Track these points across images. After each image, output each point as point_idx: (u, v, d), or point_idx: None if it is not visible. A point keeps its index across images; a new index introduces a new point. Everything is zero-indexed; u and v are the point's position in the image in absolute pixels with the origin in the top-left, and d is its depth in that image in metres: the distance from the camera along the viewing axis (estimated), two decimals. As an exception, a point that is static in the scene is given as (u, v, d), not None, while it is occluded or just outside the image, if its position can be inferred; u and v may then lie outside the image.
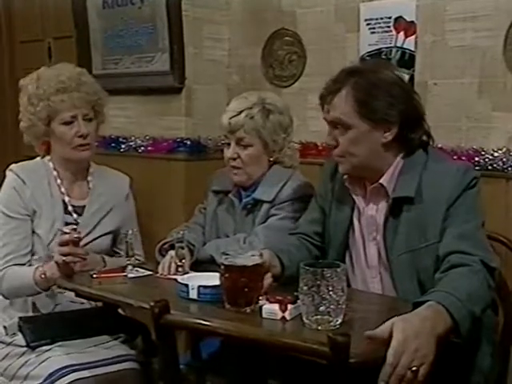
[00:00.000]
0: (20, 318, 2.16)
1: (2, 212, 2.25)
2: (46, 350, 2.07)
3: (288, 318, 1.57)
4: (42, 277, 2.13)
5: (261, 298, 1.66)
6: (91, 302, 2.22)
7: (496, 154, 2.25)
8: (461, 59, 2.33)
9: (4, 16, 4.00)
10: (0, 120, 4.01)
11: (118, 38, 3.02)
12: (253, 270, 1.65)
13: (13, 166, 2.32)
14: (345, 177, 1.90)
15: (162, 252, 2.13)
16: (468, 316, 1.47)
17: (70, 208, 2.30)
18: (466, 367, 1.74)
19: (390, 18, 2.48)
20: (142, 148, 3.03)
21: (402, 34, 2.46)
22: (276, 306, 1.59)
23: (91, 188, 2.36)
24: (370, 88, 1.77)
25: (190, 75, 2.88)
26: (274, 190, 2.16)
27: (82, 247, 2.12)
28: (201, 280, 1.79)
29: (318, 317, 1.49)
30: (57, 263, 2.05)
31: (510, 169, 2.23)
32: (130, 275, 2.03)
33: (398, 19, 2.46)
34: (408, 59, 2.45)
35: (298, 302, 1.53)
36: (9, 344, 2.15)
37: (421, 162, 1.83)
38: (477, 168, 2.16)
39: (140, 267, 2.08)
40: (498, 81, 2.26)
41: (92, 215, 2.32)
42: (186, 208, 2.76)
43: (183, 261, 2.03)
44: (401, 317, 1.40)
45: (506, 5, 2.22)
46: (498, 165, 2.24)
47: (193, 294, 1.75)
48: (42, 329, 2.12)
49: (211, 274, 1.81)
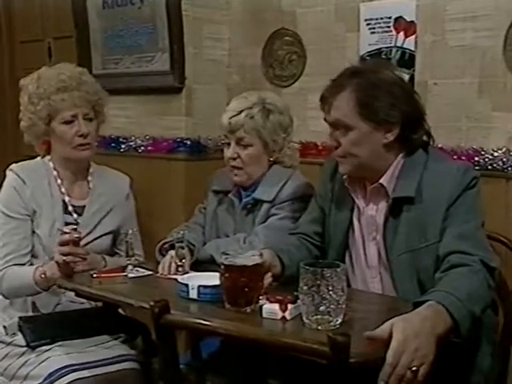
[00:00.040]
0: (20, 318, 2.16)
1: (2, 212, 2.25)
2: (46, 350, 2.07)
3: (288, 317, 1.57)
4: (42, 277, 2.13)
5: (261, 297, 1.66)
6: (91, 301, 2.22)
7: (496, 154, 2.25)
8: (461, 59, 2.33)
9: (4, 16, 4.00)
10: (0, 120, 4.01)
11: (117, 38, 3.02)
12: (253, 269, 1.65)
13: (13, 165, 2.32)
14: (344, 177, 1.90)
15: (162, 252, 2.13)
16: (468, 316, 1.47)
17: (70, 208, 2.30)
18: (466, 367, 1.74)
19: (390, 17, 2.48)
20: (142, 148, 3.03)
21: (402, 34, 2.46)
22: (276, 305, 1.59)
23: (91, 188, 2.36)
24: (371, 89, 1.77)
25: (190, 75, 2.88)
26: (274, 189, 2.16)
27: (83, 247, 2.12)
28: (201, 280, 1.79)
29: (318, 316, 1.49)
30: (57, 263, 2.05)
31: (509, 169, 2.23)
32: (130, 275, 2.03)
33: (398, 19, 2.46)
34: (408, 59, 2.45)
35: (298, 301, 1.53)
36: (9, 344, 2.15)
37: (421, 161, 1.82)
38: (477, 168, 2.16)
39: (140, 267, 2.08)
40: (498, 81, 2.26)
41: (92, 215, 2.32)
42: (185, 208, 2.76)
43: (183, 261, 2.03)
44: (401, 317, 1.40)
45: (505, 5, 2.22)
46: (498, 165, 2.24)
47: (193, 294, 1.75)
48: (42, 329, 2.12)
49: (211, 273, 1.81)
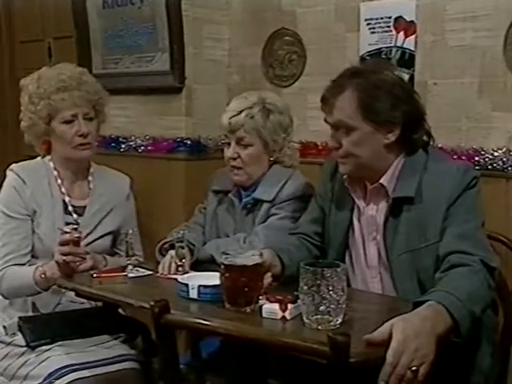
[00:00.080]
0: (20, 318, 2.15)
1: (2, 212, 2.25)
2: (46, 350, 2.07)
3: (288, 317, 1.57)
4: (42, 277, 2.13)
5: (261, 297, 1.66)
6: (91, 301, 2.22)
7: (496, 154, 2.25)
8: (461, 59, 2.33)
9: (4, 16, 4.00)
10: (0, 120, 4.01)
11: (117, 38, 3.02)
12: (253, 269, 1.65)
13: (13, 165, 2.32)
14: (345, 177, 1.90)
15: (162, 252, 2.13)
16: (468, 316, 1.47)
17: (70, 208, 2.30)
18: (465, 367, 1.74)
19: (389, 17, 2.48)
20: (142, 148, 3.02)
21: (401, 34, 2.46)
22: (276, 305, 1.59)
23: (92, 188, 2.36)
24: (372, 90, 1.76)
25: (190, 75, 2.88)
26: (274, 189, 2.16)
27: (85, 246, 2.12)
28: (201, 280, 1.79)
29: (318, 316, 1.48)
30: (57, 263, 2.05)
31: (509, 168, 2.23)
32: (130, 275, 2.03)
33: (398, 19, 2.46)
34: (408, 59, 2.45)
35: (298, 301, 1.53)
36: (8, 344, 2.15)
37: (421, 161, 1.82)
38: (477, 168, 2.16)
39: (140, 267, 2.08)
40: (498, 81, 2.26)
41: (93, 215, 2.32)
42: (186, 208, 2.76)
43: (183, 260, 2.03)
44: (401, 317, 1.40)
45: (505, 4, 2.22)
46: (498, 164, 2.24)
47: (193, 294, 1.75)
48: (42, 328, 2.12)
49: (211, 273, 1.81)
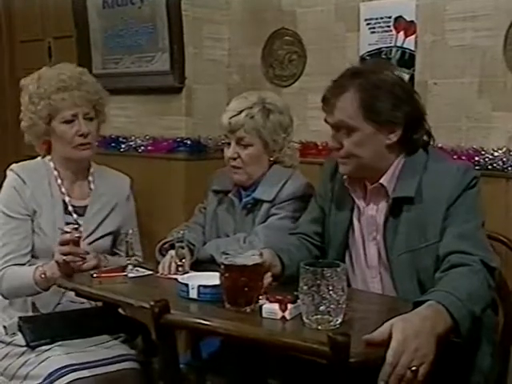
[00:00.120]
0: (20, 318, 2.15)
1: (2, 212, 2.25)
2: (46, 350, 2.07)
3: (288, 317, 1.57)
4: (42, 276, 2.12)
5: (261, 297, 1.66)
6: (91, 301, 2.22)
7: (496, 154, 2.25)
8: (461, 59, 2.33)
9: (4, 16, 4.00)
10: (0, 120, 4.01)
11: (118, 38, 3.02)
12: (253, 269, 1.65)
13: (13, 165, 2.32)
14: (344, 177, 1.90)
15: (162, 252, 2.13)
16: (468, 316, 1.47)
17: (70, 208, 2.30)
18: (465, 367, 1.74)
19: (389, 17, 2.48)
20: (142, 148, 3.02)
21: (401, 34, 2.46)
22: (276, 305, 1.59)
23: (92, 188, 2.36)
24: (373, 90, 1.76)
25: (190, 75, 2.88)
26: (274, 189, 2.16)
27: (88, 245, 2.12)
28: (201, 279, 1.79)
29: (318, 316, 1.48)
30: (57, 263, 2.05)
31: (510, 168, 2.23)
32: (130, 275, 2.03)
33: (398, 19, 2.46)
34: (408, 59, 2.45)
35: (298, 301, 1.53)
36: (8, 344, 2.15)
37: (421, 161, 1.82)
38: (477, 168, 2.16)
39: (140, 267, 2.08)
40: (498, 80, 2.26)
41: (94, 215, 2.32)
42: (186, 208, 2.76)
43: (183, 260, 2.03)
44: (401, 316, 1.40)
45: (505, 4, 2.22)
46: (498, 164, 2.24)
47: (193, 294, 1.75)
48: (42, 328, 2.12)
49: (211, 273, 1.81)
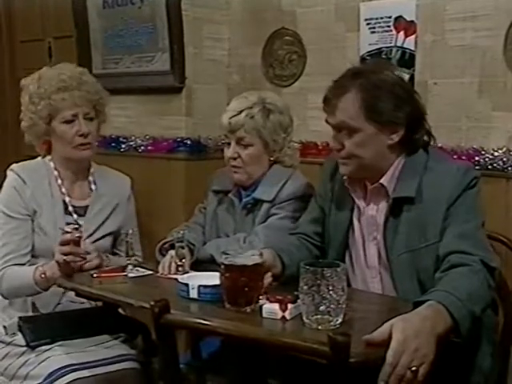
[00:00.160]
0: (20, 318, 2.15)
1: (3, 212, 2.25)
2: (46, 350, 2.07)
3: (288, 317, 1.57)
4: (42, 276, 2.12)
5: (261, 297, 1.66)
6: (91, 301, 2.22)
7: (496, 154, 2.25)
8: (461, 59, 2.33)
9: (4, 16, 4.00)
10: (1, 120, 4.01)
11: (118, 38, 3.02)
12: (253, 269, 1.65)
13: (13, 165, 2.32)
14: (345, 177, 1.89)
15: (163, 251, 2.13)
16: (468, 316, 1.47)
17: (70, 208, 2.30)
18: (466, 367, 1.74)
19: (390, 17, 2.48)
20: (142, 148, 3.03)
21: (402, 34, 2.46)
22: (276, 305, 1.59)
23: (93, 188, 2.36)
24: (375, 90, 1.75)
25: (190, 75, 2.88)
26: (274, 189, 2.16)
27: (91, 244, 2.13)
28: (201, 279, 1.79)
29: (318, 316, 1.48)
30: (57, 262, 2.05)
31: (510, 168, 2.23)
32: (130, 275, 2.03)
33: (398, 19, 2.46)
34: (408, 59, 2.45)
35: (298, 301, 1.53)
36: (9, 344, 2.15)
37: (421, 161, 1.82)
38: (477, 168, 2.16)
39: (140, 267, 2.08)
40: (498, 80, 2.26)
41: (95, 216, 2.32)
42: (186, 208, 2.76)
43: (183, 260, 2.02)
44: (400, 317, 1.40)
45: (505, 4, 2.22)
46: (498, 164, 2.24)
47: (193, 294, 1.75)
48: (42, 328, 2.12)
49: (211, 273, 1.81)
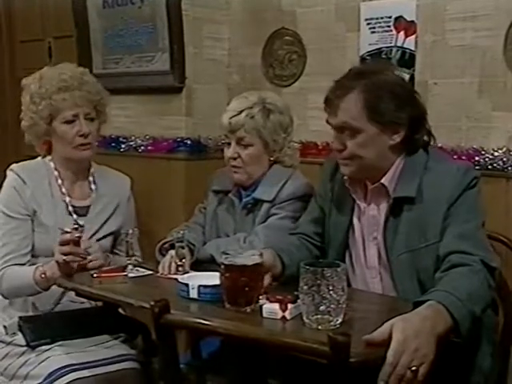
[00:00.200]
0: (20, 318, 2.15)
1: (2, 212, 2.24)
2: (46, 350, 2.07)
3: (288, 317, 1.57)
4: (42, 276, 2.12)
5: (261, 297, 1.66)
6: (91, 301, 2.22)
7: (496, 154, 2.25)
8: (461, 59, 2.33)
9: (4, 16, 4.00)
10: (1, 120, 4.01)
11: (118, 38, 3.02)
12: (253, 269, 1.65)
13: (13, 165, 2.32)
14: (345, 177, 1.89)
15: (163, 251, 2.13)
16: (468, 316, 1.47)
17: (70, 208, 2.30)
18: (466, 367, 1.74)
19: (390, 17, 2.48)
20: (142, 148, 3.03)
21: (402, 34, 2.46)
22: (276, 305, 1.59)
23: (93, 188, 2.36)
24: (377, 90, 1.75)
25: (191, 75, 2.88)
26: (274, 189, 2.16)
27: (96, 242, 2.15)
28: (201, 279, 1.79)
29: (319, 316, 1.48)
30: (57, 262, 2.05)
31: (510, 168, 2.23)
32: (130, 275, 2.03)
33: (399, 19, 2.46)
34: (408, 59, 2.45)
35: (299, 301, 1.53)
36: (9, 343, 2.15)
37: (421, 161, 1.82)
38: (477, 168, 2.17)
39: (140, 267, 2.08)
40: (498, 80, 2.26)
41: (97, 215, 2.32)
42: (186, 208, 2.76)
43: (183, 260, 2.02)
44: (401, 316, 1.40)
45: (506, 4, 2.22)
46: (499, 164, 2.24)
47: (193, 294, 1.75)
48: (42, 328, 2.12)
49: (211, 273, 1.81)
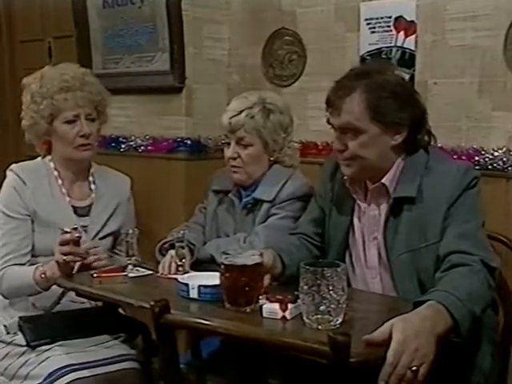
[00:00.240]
0: (20, 318, 2.15)
1: (2, 212, 2.24)
2: (46, 350, 2.07)
3: (288, 317, 1.57)
4: (42, 276, 2.12)
5: (261, 297, 1.66)
6: (91, 301, 2.22)
7: (496, 154, 2.26)
8: (461, 59, 2.33)
9: (4, 16, 4.01)
10: (1, 119, 4.01)
11: (118, 38, 3.03)
12: (253, 269, 1.65)
13: (13, 165, 2.31)
14: (345, 177, 1.89)
15: (163, 251, 2.13)
16: (468, 315, 1.47)
17: (71, 209, 2.29)
18: (466, 367, 1.74)
19: (390, 17, 2.48)
20: (142, 148, 3.03)
21: (402, 34, 2.46)
22: (276, 305, 1.59)
23: (93, 189, 2.36)
24: (379, 91, 1.74)
25: (190, 75, 2.88)
26: (274, 189, 2.16)
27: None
28: (201, 279, 1.79)
29: (319, 316, 1.48)
30: (57, 262, 2.05)
31: (510, 168, 2.23)
32: (130, 275, 2.02)
33: (399, 19, 2.46)
34: (408, 59, 2.45)
35: (299, 301, 1.53)
36: (9, 343, 2.15)
37: (422, 161, 1.82)
38: (477, 168, 2.17)
39: (140, 267, 2.08)
40: (498, 80, 2.26)
41: (99, 215, 2.32)
42: (186, 208, 2.76)
43: (183, 260, 2.02)
44: (401, 317, 1.40)
45: (506, 4, 2.22)
46: (499, 164, 2.24)
47: (193, 294, 1.75)
48: (42, 328, 2.12)
49: (211, 273, 1.81)
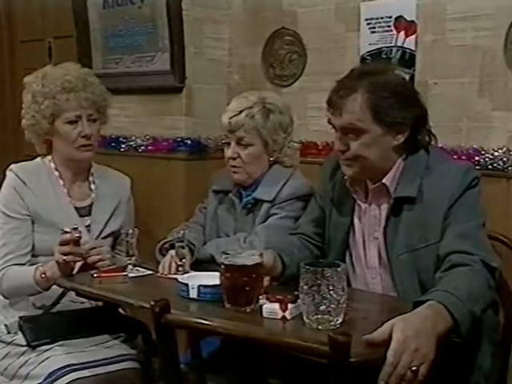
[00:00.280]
0: (20, 318, 2.15)
1: (2, 212, 2.24)
2: (47, 350, 2.07)
3: (288, 317, 1.57)
4: (43, 276, 2.12)
5: (261, 297, 1.66)
6: (91, 301, 2.22)
7: (496, 154, 2.26)
8: (461, 58, 2.33)
9: (4, 16, 4.01)
10: (1, 120, 4.01)
11: (118, 38, 3.03)
12: (253, 269, 1.65)
13: (13, 166, 2.31)
14: (345, 177, 1.89)
15: (163, 251, 2.13)
16: (468, 315, 1.47)
17: (73, 208, 2.29)
18: (466, 367, 1.74)
19: (390, 17, 2.48)
20: (143, 147, 3.03)
21: (402, 34, 2.46)
22: (276, 305, 1.59)
23: (94, 189, 2.36)
24: (381, 91, 1.74)
25: (191, 75, 2.88)
26: (275, 189, 2.16)
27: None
28: (201, 279, 1.79)
29: (319, 316, 1.48)
30: (57, 262, 2.05)
31: (510, 168, 2.23)
32: (130, 274, 2.02)
33: (399, 18, 2.46)
34: (408, 59, 2.45)
35: (299, 301, 1.53)
36: (9, 343, 2.15)
37: (422, 161, 1.82)
38: (477, 167, 2.17)
39: (140, 267, 2.08)
40: (498, 80, 2.26)
41: (100, 215, 2.31)
42: (186, 207, 2.76)
43: (183, 260, 2.02)
44: (401, 316, 1.40)
45: (506, 4, 2.22)
46: (499, 164, 2.24)
47: (193, 294, 1.75)
48: (43, 328, 2.12)
49: (211, 273, 1.81)
